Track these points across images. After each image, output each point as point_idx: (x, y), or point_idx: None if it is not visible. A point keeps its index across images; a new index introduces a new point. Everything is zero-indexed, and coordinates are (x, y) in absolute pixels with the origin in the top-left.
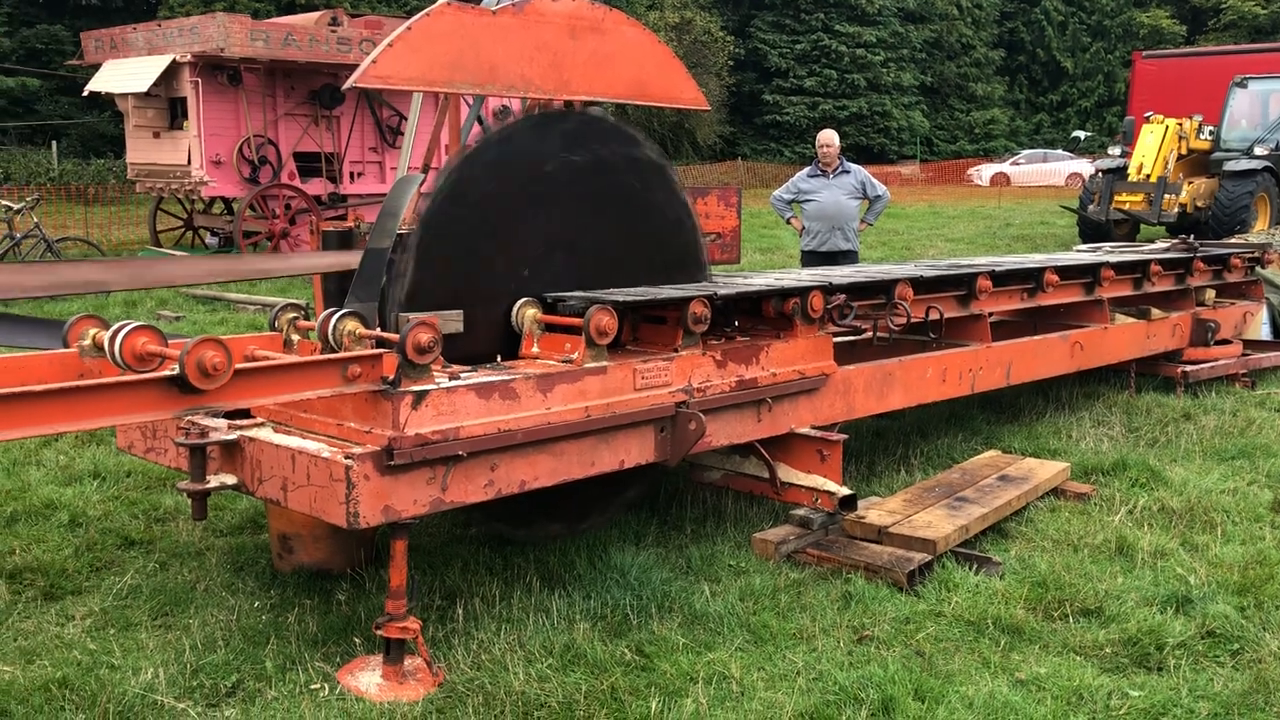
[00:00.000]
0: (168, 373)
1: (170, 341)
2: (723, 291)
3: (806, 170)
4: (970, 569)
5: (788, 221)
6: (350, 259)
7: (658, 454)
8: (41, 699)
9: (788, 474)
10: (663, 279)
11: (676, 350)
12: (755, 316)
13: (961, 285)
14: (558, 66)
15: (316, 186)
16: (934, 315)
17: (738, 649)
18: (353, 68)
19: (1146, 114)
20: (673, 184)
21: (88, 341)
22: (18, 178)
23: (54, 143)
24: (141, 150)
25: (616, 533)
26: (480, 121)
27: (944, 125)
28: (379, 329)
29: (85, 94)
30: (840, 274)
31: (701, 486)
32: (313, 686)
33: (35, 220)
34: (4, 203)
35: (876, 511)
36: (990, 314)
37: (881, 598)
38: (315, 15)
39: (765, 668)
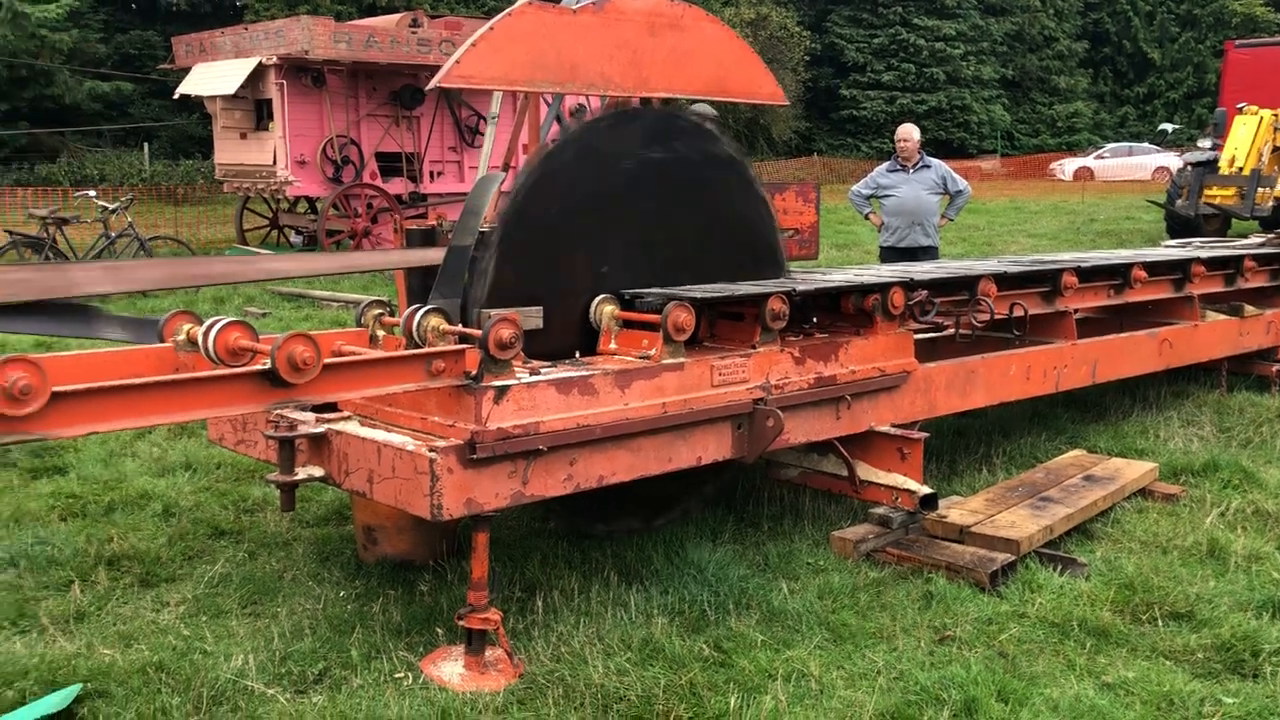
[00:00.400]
0: (259, 367)
1: (261, 337)
2: (801, 288)
3: (885, 165)
4: (1055, 570)
5: (866, 217)
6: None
7: (735, 451)
8: (140, 681)
9: (867, 472)
10: (740, 275)
11: (754, 347)
12: (834, 313)
13: (1046, 281)
14: (637, 64)
15: (397, 186)
16: (1018, 312)
17: (816, 647)
18: (433, 68)
19: (1239, 105)
20: (750, 180)
21: (182, 336)
22: (112, 178)
23: (145, 144)
24: (229, 151)
25: (693, 529)
26: (559, 120)
27: (1025, 119)
28: (461, 325)
29: (176, 97)
30: (922, 270)
31: (779, 484)
32: (397, 675)
33: (129, 219)
34: (100, 202)
35: (958, 511)
36: (1075, 311)
37: (963, 598)
38: (396, 17)
39: (845, 666)
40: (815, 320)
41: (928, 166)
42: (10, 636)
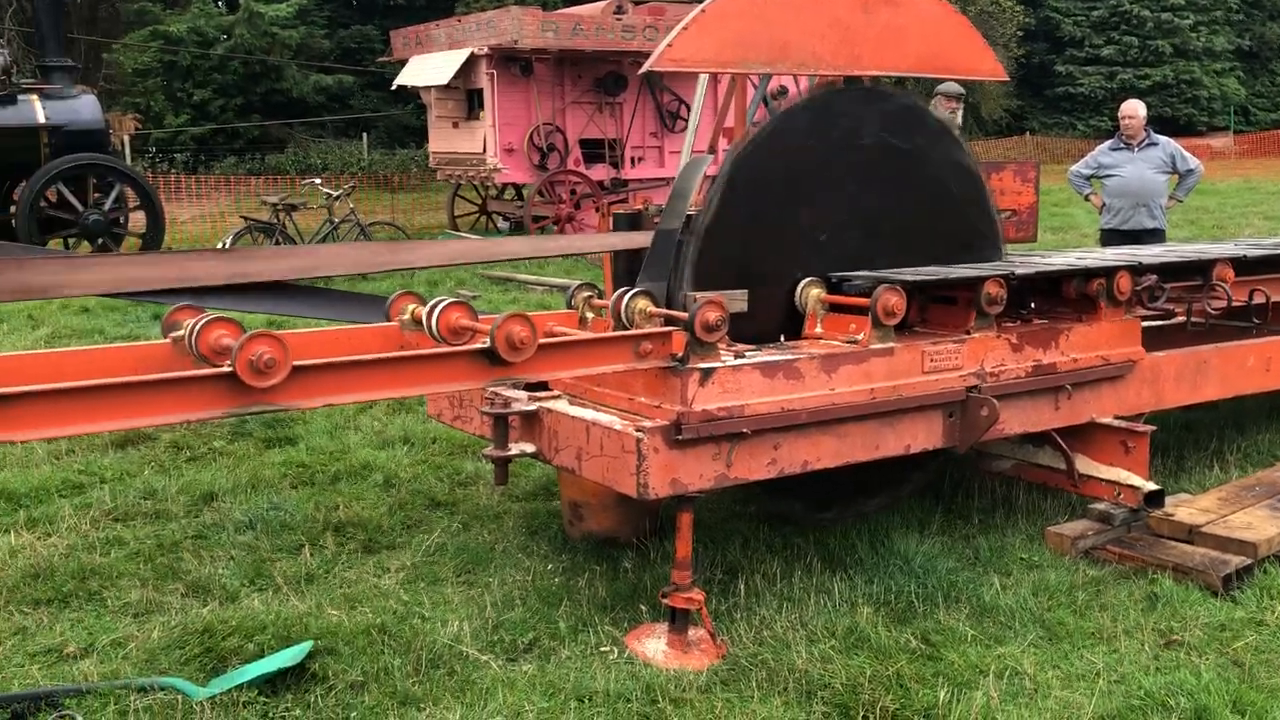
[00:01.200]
0: (479, 345)
1: (479, 317)
2: (1020, 271)
3: (1108, 143)
4: None
5: (1086, 198)
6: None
7: (945, 440)
8: (364, 642)
9: (1087, 466)
10: (953, 258)
11: (968, 332)
12: (1054, 298)
13: None
14: (849, 42)
15: (600, 172)
16: (1258, 299)
17: (1030, 645)
18: (637, 55)
19: None
20: (965, 159)
21: (407, 316)
22: (334, 167)
23: (364, 134)
24: (442, 140)
25: (899, 519)
26: (765, 102)
27: (1263, 92)
28: (667, 308)
29: (393, 88)
30: (1150, 253)
31: (990, 476)
32: (603, 649)
33: (351, 206)
34: (325, 190)
35: (1186, 509)
36: None
37: (1192, 601)
38: (601, 4)
39: (1061, 666)
40: (1033, 305)
41: (1154, 144)
42: (250, 594)
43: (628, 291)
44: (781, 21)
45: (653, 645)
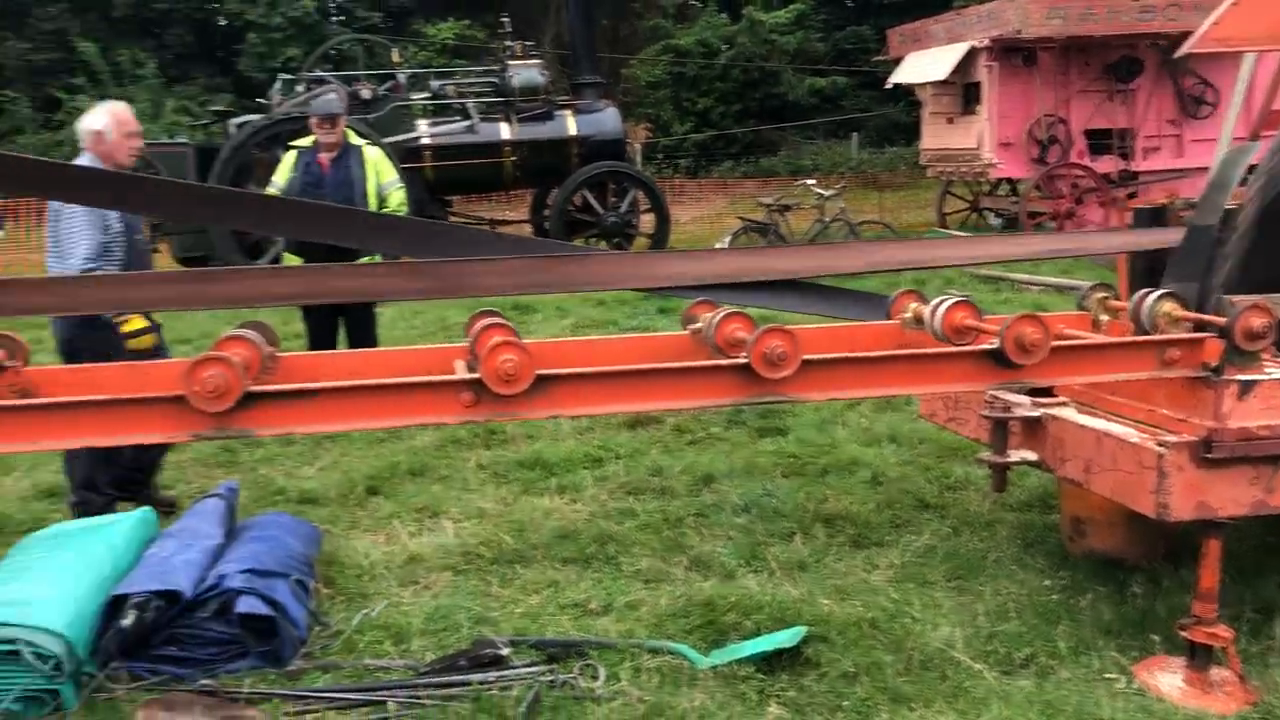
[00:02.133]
0: (985, 346)
1: (984, 317)
2: None
3: None
4: None
5: None
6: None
7: None
8: (855, 634)
9: None
10: None
11: None
12: None
13: None
14: None
15: (1106, 164)
16: None
17: None
18: (1155, 37)
19: None
20: None
21: (909, 314)
22: (824, 168)
23: (853, 134)
24: (935, 136)
25: None
26: None
27: None
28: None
29: (888, 86)
30: None
31: None
32: (1107, 675)
33: (841, 205)
34: (817, 190)
35: None
36: None
37: None
38: None
39: None
40: None
41: None
42: (745, 573)
43: (1150, 293)
44: None
45: (1167, 680)
